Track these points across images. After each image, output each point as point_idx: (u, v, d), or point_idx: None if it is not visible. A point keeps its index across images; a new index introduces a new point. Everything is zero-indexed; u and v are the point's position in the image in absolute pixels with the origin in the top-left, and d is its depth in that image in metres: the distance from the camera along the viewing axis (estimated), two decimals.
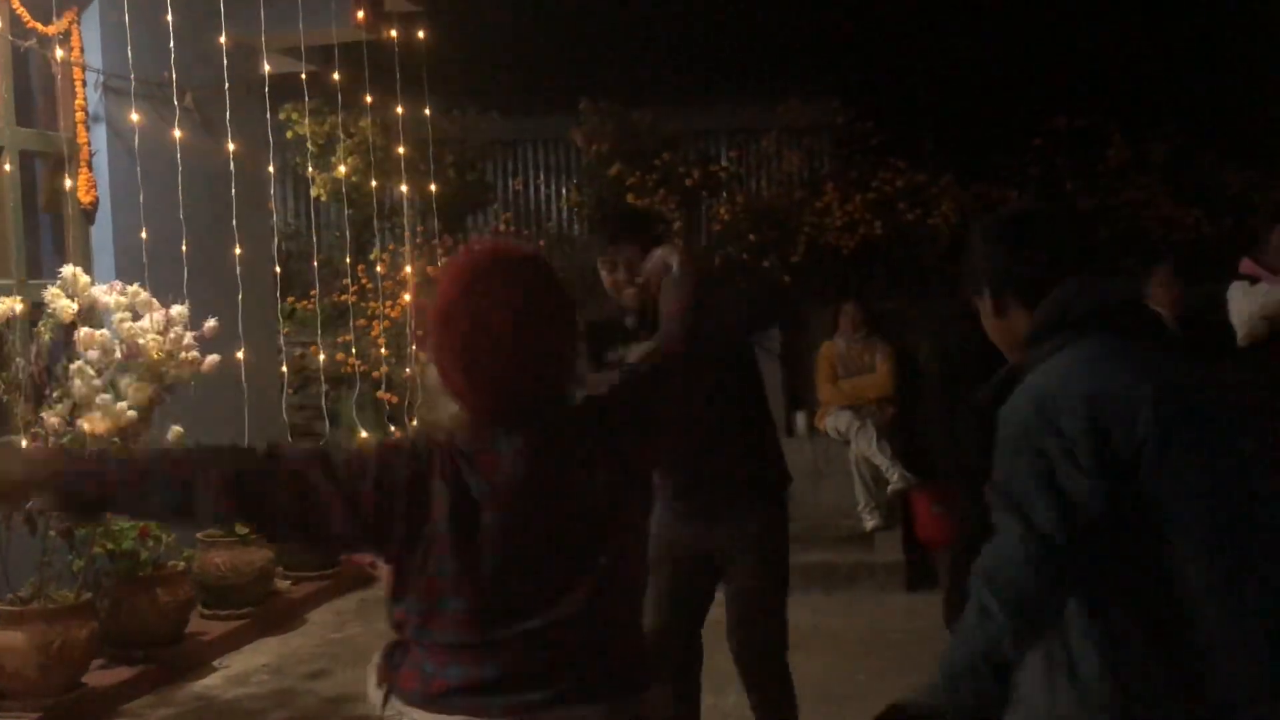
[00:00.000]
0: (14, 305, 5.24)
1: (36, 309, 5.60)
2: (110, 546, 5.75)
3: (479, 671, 2.08)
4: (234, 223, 6.87)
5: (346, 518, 2.03)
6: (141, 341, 5.39)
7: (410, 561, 2.06)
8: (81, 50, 6.44)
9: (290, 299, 8.73)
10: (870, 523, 7.89)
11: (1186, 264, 8.82)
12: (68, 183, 6.41)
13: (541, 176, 10.97)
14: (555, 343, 2.11)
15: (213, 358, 5.77)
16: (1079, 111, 9.48)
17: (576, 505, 2.09)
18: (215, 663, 6.20)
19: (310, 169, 9.28)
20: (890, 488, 7.89)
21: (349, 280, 8.67)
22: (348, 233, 8.76)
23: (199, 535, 6.65)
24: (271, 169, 7.44)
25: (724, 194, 9.94)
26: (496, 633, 2.07)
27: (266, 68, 7.66)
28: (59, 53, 6.31)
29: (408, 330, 8.41)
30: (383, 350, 8.56)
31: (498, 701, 2.08)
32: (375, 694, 2.19)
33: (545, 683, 2.08)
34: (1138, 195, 9.11)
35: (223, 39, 6.85)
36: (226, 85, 6.96)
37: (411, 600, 2.09)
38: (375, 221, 9.36)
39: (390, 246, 9.73)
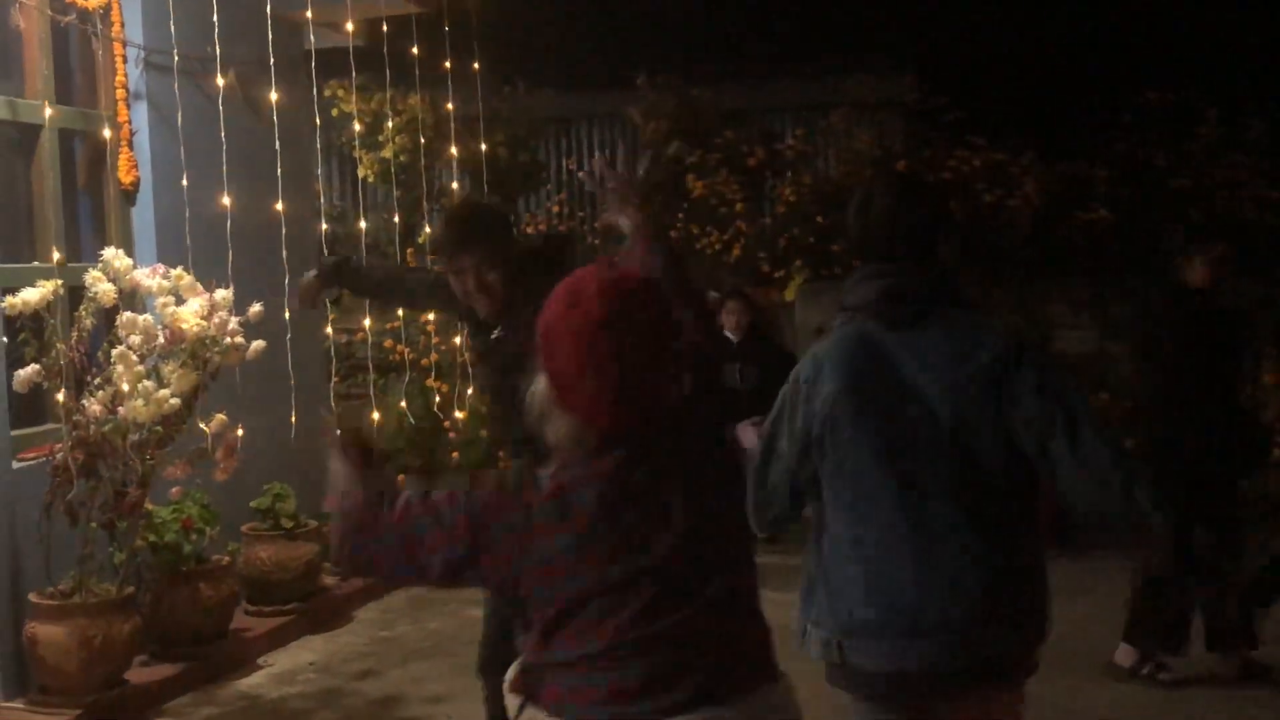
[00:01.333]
0: (54, 289, 5.31)
1: (76, 293, 5.66)
2: (152, 539, 5.81)
3: (620, 676, 2.22)
4: (279, 204, 6.92)
5: (452, 561, 2.27)
6: (185, 326, 5.43)
7: (527, 591, 2.25)
8: (122, 25, 6.48)
9: None
10: None
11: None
12: (108, 162, 6.48)
13: (597, 156, 10.96)
14: (676, 363, 2.31)
15: (258, 343, 5.81)
16: (1170, 86, 9.32)
17: (693, 515, 2.26)
18: (260, 660, 6.24)
19: (357, 148, 9.34)
20: None
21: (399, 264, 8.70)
22: (396, 215, 8.80)
23: (243, 529, 6.72)
24: (317, 147, 7.47)
25: (789, 174, 9.90)
26: (631, 635, 2.22)
27: (312, 42, 7.71)
28: (100, 28, 6.38)
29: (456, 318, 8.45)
30: (433, 337, 8.59)
31: (644, 706, 2.22)
32: (510, 701, 2.36)
33: (677, 684, 2.22)
34: (1232, 175, 8.96)
35: (267, 12, 6.89)
36: (271, 61, 6.99)
37: (539, 622, 2.26)
38: (424, 203, 9.40)
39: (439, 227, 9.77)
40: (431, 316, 8.77)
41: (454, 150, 8.70)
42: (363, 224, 8.14)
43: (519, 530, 2.23)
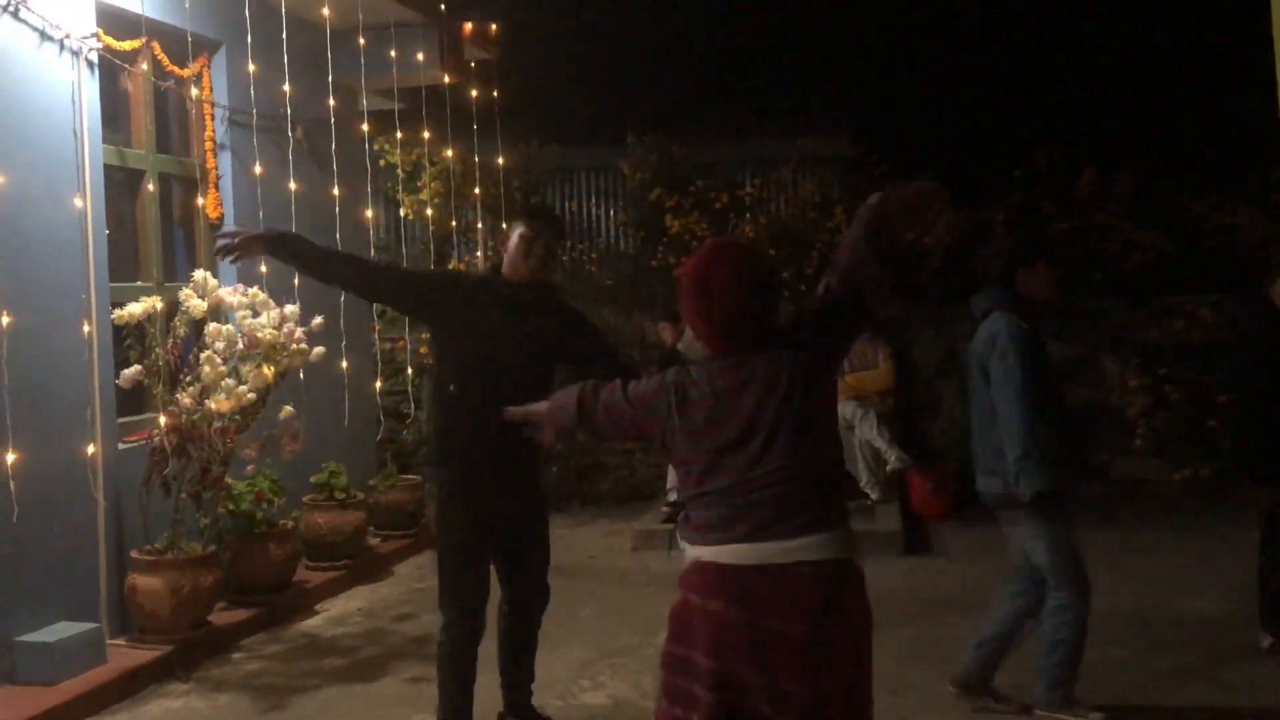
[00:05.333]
0: (154, 304, 5.31)
1: (172, 307, 5.66)
2: (231, 507, 5.81)
3: (708, 514, 2.57)
4: (337, 235, 6.92)
5: (638, 422, 2.72)
6: (260, 335, 5.44)
7: (671, 446, 2.65)
8: (211, 89, 6.50)
9: None
10: (873, 496, 7.87)
11: (1145, 279, 8.79)
12: (199, 201, 6.48)
13: (593, 199, 10.97)
14: (766, 300, 2.61)
15: (319, 349, 5.83)
16: (1056, 145, 9.37)
17: (765, 403, 2.54)
18: (317, 606, 6.26)
19: (399, 192, 9.33)
20: (889, 467, 7.86)
21: None
22: (431, 245, 8.80)
23: (305, 499, 6.72)
24: (368, 191, 7.48)
25: (748, 215, 9.89)
26: (711, 486, 2.56)
27: (365, 106, 7.72)
28: (193, 91, 6.39)
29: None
30: None
31: (732, 534, 2.53)
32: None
33: (762, 520, 2.51)
34: (1106, 219, 9.00)
35: (329, 81, 6.91)
36: (331, 120, 7.01)
37: (678, 471, 2.68)
38: (454, 236, 9.40)
39: (466, 258, 9.77)
40: None
41: (478, 192, 8.71)
42: (404, 251, 8.13)
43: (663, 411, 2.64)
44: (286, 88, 6.49)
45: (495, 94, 8.31)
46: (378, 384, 7.54)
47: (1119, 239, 8.96)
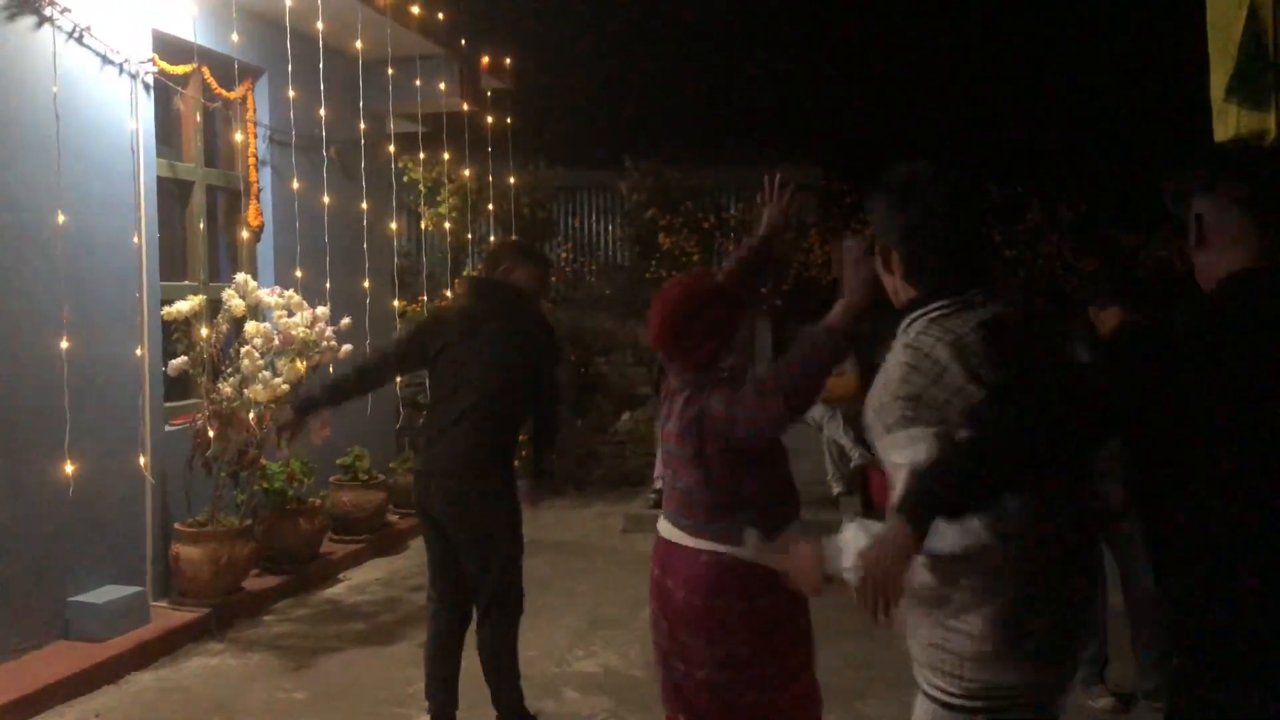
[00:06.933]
0: (200, 302, 5.29)
1: (215, 306, 5.63)
2: (265, 486, 5.79)
3: (663, 497, 2.87)
4: (364, 245, 6.90)
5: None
6: (294, 332, 5.41)
7: None
8: (254, 111, 6.47)
9: (403, 303, 8.77)
10: (836, 489, 7.87)
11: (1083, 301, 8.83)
12: (241, 210, 6.45)
13: (594, 216, 10.98)
14: (692, 336, 2.70)
15: (346, 346, 5.80)
16: (1005, 182, 9.41)
17: (692, 424, 2.66)
18: (341, 576, 6.23)
19: (421, 206, 9.30)
20: (852, 464, 7.86)
21: (448, 290, 8.67)
22: (448, 254, 8.77)
23: (331, 480, 6.69)
24: (393, 205, 7.46)
25: (732, 235, 9.91)
26: (667, 476, 2.80)
27: (391, 128, 7.69)
28: (237, 112, 6.35)
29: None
30: None
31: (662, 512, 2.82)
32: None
33: (674, 507, 2.78)
34: (1050, 249, 9.05)
35: (360, 106, 6.88)
36: (361, 140, 6.98)
37: None
38: (469, 246, 9.38)
39: (479, 266, 9.75)
40: None
41: (491, 208, 8.69)
42: (424, 260, 8.11)
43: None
44: (322, 111, 6.47)
45: (508, 120, 8.30)
46: (398, 380, 7.51)
47: (1060, 265, 9.01)
